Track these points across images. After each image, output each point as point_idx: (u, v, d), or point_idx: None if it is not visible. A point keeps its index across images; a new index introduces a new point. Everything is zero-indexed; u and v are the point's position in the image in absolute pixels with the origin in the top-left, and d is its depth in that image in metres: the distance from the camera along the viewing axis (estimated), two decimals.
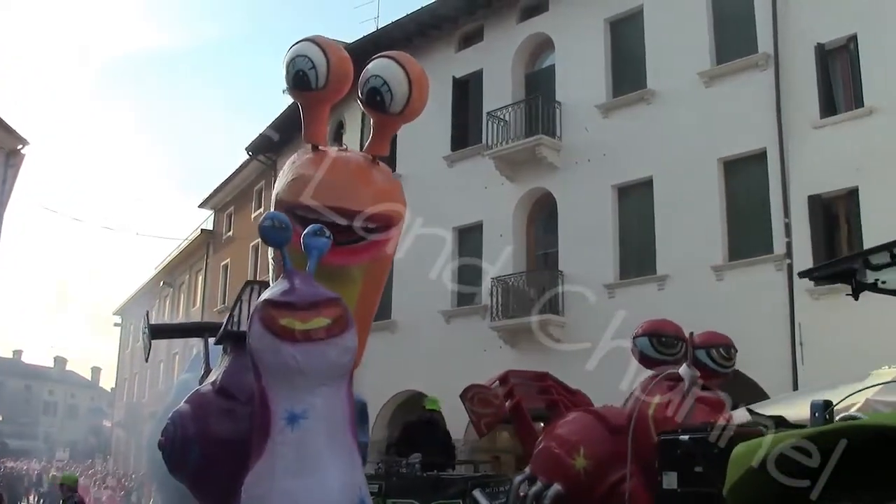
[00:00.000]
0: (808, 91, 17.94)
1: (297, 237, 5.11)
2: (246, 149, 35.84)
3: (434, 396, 14.05)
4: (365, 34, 27.63)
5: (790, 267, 17.28)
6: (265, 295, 4.96)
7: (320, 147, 5.85)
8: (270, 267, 5.90)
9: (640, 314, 18.28)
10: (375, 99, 5.64)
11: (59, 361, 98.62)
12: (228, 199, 41.60)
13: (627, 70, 21.57)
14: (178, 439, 5.48)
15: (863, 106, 17.18)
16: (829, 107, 17.84)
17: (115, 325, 61.23)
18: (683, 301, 17.84)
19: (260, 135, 34.45)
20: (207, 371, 6.46)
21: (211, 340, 6.71)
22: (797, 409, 7.85)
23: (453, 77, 24.87)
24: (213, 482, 5.41)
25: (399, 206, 5.78)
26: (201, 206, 44.07)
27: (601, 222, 20.65)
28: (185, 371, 8.04)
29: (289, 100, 33.13)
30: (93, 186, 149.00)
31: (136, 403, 53.56)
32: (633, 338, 8.01)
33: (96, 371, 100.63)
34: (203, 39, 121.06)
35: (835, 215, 17.64)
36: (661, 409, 7.04)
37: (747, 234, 18.51)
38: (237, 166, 38.98)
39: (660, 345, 7.80)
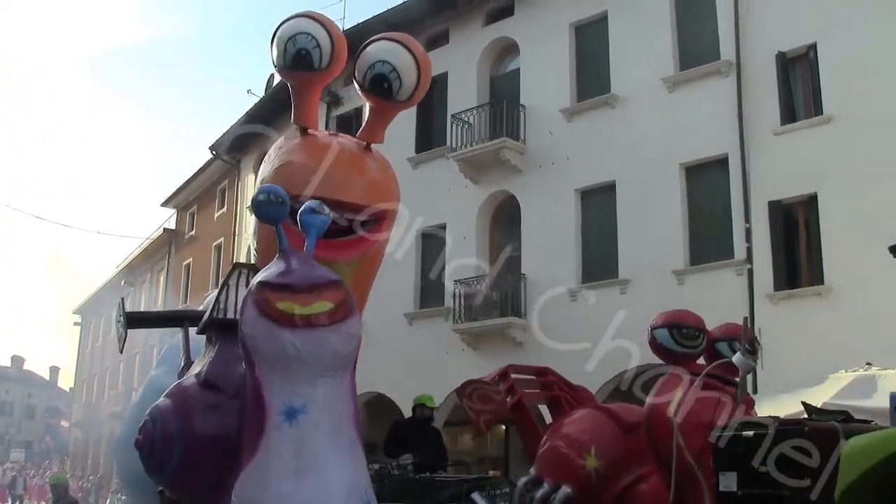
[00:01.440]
0: (769, 98, 18.16)
1: (289, 231, 4.79)
2: (209, 148, 35.70)
3: (428, 394, 13.09)
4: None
5: (750, 272, 17.49)
6: (260, 276, 4.47)
7: (310, 130, 5.55)
8: (253, 255, 5.65)
9: (601, 318, 18.54)
10: (382, 86, 5.37)
11: (17, 360, 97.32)
12: (191, 198, 41.38)
13: (592, 75, 21.71)
14: (158, 437, 4.91)
15: (822, 114, 17.41)
16: (789, 114, 18.06)
17: (76, 324, 60.63)
18: (645, 305, 17.94)
19: (226, 132, 34.35)
20: (188, 363, 5.85)
21: (192, 330, 6.09)
22: (760, 411, 7.90)
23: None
24: (198, 484, 4.93)
25: (393, 201, 5.58)
26: (164, 204, 43.81)
27: (564, 226, 20.76)
28: (156, 367, 7.39)
29: (253, 99, 33.26)
30: (54, 184, 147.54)
31: (95, 404, 53.09)
32: (651, 329, 7.38)
33: (54, 371, 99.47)
34: (163, 37, 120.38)
35: (794, 221, 17.85)
36: (686, 405, 6.46)
37: (708, 238, 18.68)
38: (201, 165, 38.83)
39: (681, 336, 7.19)
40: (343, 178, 5.20)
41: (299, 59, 5.26)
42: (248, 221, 34.56)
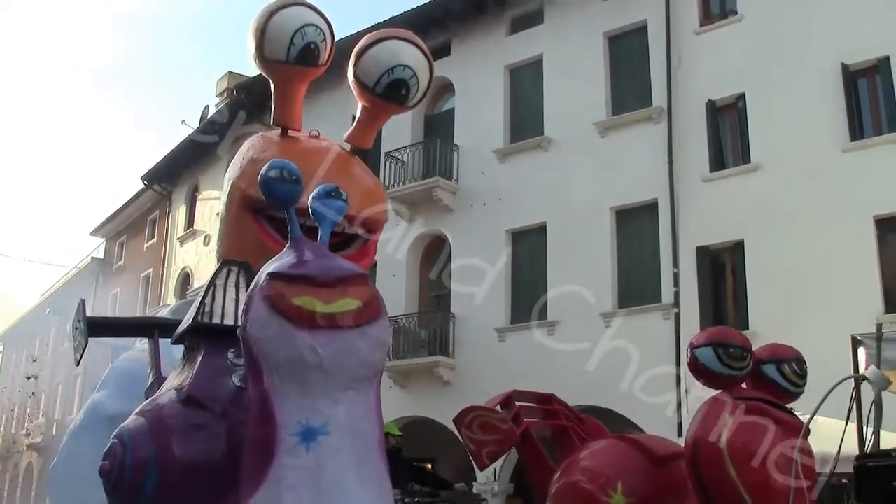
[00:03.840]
0: (698, 145, 18.47)
1: (267, 238, 4.34)
2: (141, 178, 35.37)
3: (390, 422, 12.62)
4: None
5: (678, 316, 17.67)
6: (269, 267, 3.53)
7: (290, 132, 4.96)
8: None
9: (529, 358, 18.61)
10: (400, 92, 4.92)
11: None
12: (121, 227, 40.93)
13: (525, 117, 21.91)
14: (129, 464, 3.96)
15: (750, 162, 17.74)
16: (718, 161, 18.38)
17: None
18: (573, 346, 18.09)
19: (159, 162, 34.09)
20: (159, 378, 4.93)
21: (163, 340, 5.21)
22: None
23: (353, 116, 24.92)
24: None
25: (385, 206, 5.04)
26: (93, 233, 43.27)
27: (494, 266, 20.83)
28: (98, 390, 6.54)
29: (187, 130, 33.04)
30: None
31: (13, 434, 51.97)
32: (692, 348, 6.26)
33: None
34: (89, 62, 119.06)
35: (721, 266, 18.11)
36: (737, 433, 5.60)
37: (637, 282, 18.86)
38: (132, 195, 38.45)
39: (727, 356, 6.16)
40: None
41: (307, 53, 4.76)
42: (178, 253, 34.25)
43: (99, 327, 5.41)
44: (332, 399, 3.45)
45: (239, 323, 3.65)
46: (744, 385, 6.19)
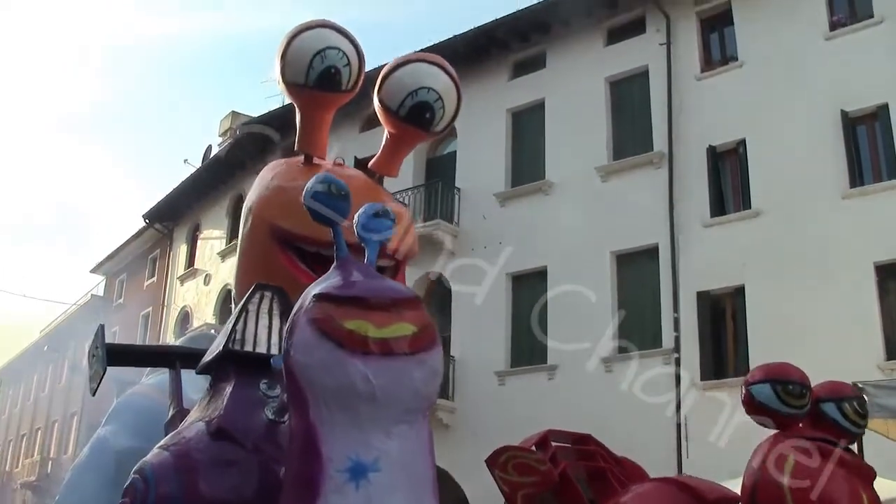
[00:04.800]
0: (699, 190, 18.54)
1: (298, 271, 4.13)
2: (143, 216, 35.47)
3: None
4: (271, 109, 27.77)
5: (678, 361, 17.63)
6: (316, 289, 3.13)
7: (315, 160, 4.74)
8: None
9: (529, 402, 18.54)
10: (424, 116, 4.70)
11: None
12: (122, 265, 40.94)
13: (527, 161, 21.99)
14: (152, 501, 3.46)
15: (750, 207, 17.80)
16: (718, 206, 18.44)
17: None
18: (572, 391, 18.06)
19: (161, 200, 34.22)
20: (181, 411, 4.35)
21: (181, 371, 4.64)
22: None
23: (355, 157, 25.01)
24: None
25: (414, 237, 4.74)
26: (93, 271, 43.29)
27: (495, 309, 20.81)
28: (104, 424, 6.38)
29: (189, 169, 33.17)
30: None
31: (7, 472, 51.72)
32: (748, 385, 6.04)
33: None
34: (98, 99, 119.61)
35: (722, 311, 18.10)
36: (800, 474, 5.00)
37: (637, 327, 18.83)
38: (133, 233, 38.54)
39: (785, 394, 5.92)
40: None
41: (327, 77, 4.52)
42: (178, 292, 34.24)
43: (118, 355, 4.74)
44: (384, 433, 2.99)
45: (272, 351, 3.49)
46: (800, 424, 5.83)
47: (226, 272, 30.19)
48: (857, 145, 17.28)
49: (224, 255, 30.64)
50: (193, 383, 4.21)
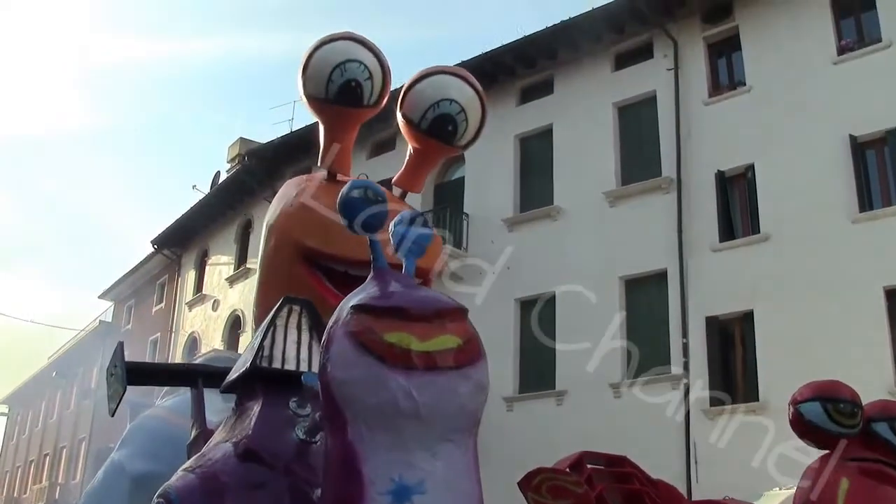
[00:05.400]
0: (708, 215, 18.53)
1: (326, 292, 3.95)
2: (151, 242, 35.57)
3: None
4: (280, 135, 27.87)
5: (687, 386, 17.57)
6: (355, 299, 2.92)
7: (339, 176, 4.52)
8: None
9: (538, 428, 18.48)
10: (446, 128, 4.52)
11: None
12: (130, 291, 41.00)
13: (535, 186, 22.00)
14: None
15: (759, 232, 17.77)
16: (727, 231, 18.42)
17: (1, 414, 59.22)
18: (581, 416, 18.00)
19: (169, 226, 34.30)
20: (204, 432, 4.18)
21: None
22: None
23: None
24: None
25: (438, 257, 4.50)
26: (101, 296, 43.36)
27: (503, 335, 20.77)
28: (118, 449, 6.08)
29: (198, 195, 33.25)
30: None
31: (15, 498, 51.64)
32: (797, 404, 5.38)
33: None
34: (103, 125, 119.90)
35: (731, 336, 18.05)
36: (855, 497, 4.86)
37: (646, 352, 18.78)
38: (141, 259, 38.60)
39: (836, 412, 5.30)
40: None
41: (347, 91, 4.34)
42: (186, 318, 34.24)
43: (139, 374, 4.63)
44: (429, 452, 2.79)
45: (302, 368, 3.35)
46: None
47: (234, 298, 30.22)
48: (867, 170, 17.26)
49: (232, 280, 30.68)
50: (211, 404, 4.15)
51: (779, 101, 18.12)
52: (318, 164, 4.54)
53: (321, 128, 4.56)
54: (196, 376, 4.50)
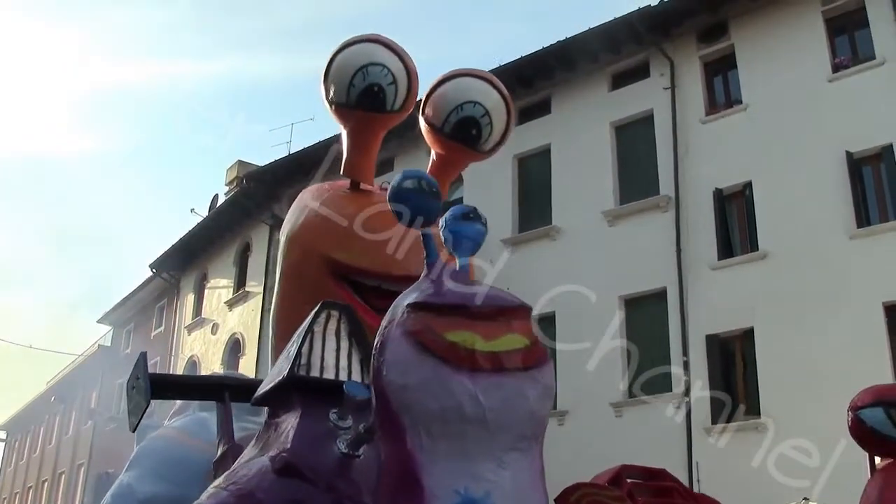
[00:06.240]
0: (706, 233, 18.56)
1: (357, 306, 3.67)
2: (150, 266, 35.53)
3: None
4: (278, 158, 27.92)
5: (688, 404, 17.55)
6: (411, 297, 2.62)
7: (363, 186, 4.36)
8: (270, 352, 4.26)
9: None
10: (470, 132, 4.33)
11: None
12: (129, 315, 40.94)
13: (534, 206, 22.04)
14: None
15: (758, 249, 17.81)
16: (726, 249, 18.45)
17: None
18: (581, 435, 17.95)
19: (168, 250, 34.29)
20: (233, 448, 3.91)
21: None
22: None
23: None
24: None
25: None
26: (100, 321, 43.29)
27: None
28: (126, 470, 5.81)
29: (196, 218, 33.23)
30: None
31: None
32: (856, 410, 5.30)
33: None
34: (100, 148, 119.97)
35: (731, 354, 18.05)
36: None
37: (647, 371, 18.75)
38: (140, 283, 38.57)
39: None
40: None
41: (369, 96, 4.14)
42: (186, 342, 34.19)
43: (162, 386, 4.49)
44: (495, 462, 2.54)
45: (341, 377, 3.15)
46: None
47: (233, 321, 30.18)
48: (864, 186, 17.32)
49: (231, 304, 30.65)
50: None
51: (775, 118, 18.19)
52: (341, 172, 4.39)
53: (344, 134, 4.40)
54: (223, 389, 4.27)
